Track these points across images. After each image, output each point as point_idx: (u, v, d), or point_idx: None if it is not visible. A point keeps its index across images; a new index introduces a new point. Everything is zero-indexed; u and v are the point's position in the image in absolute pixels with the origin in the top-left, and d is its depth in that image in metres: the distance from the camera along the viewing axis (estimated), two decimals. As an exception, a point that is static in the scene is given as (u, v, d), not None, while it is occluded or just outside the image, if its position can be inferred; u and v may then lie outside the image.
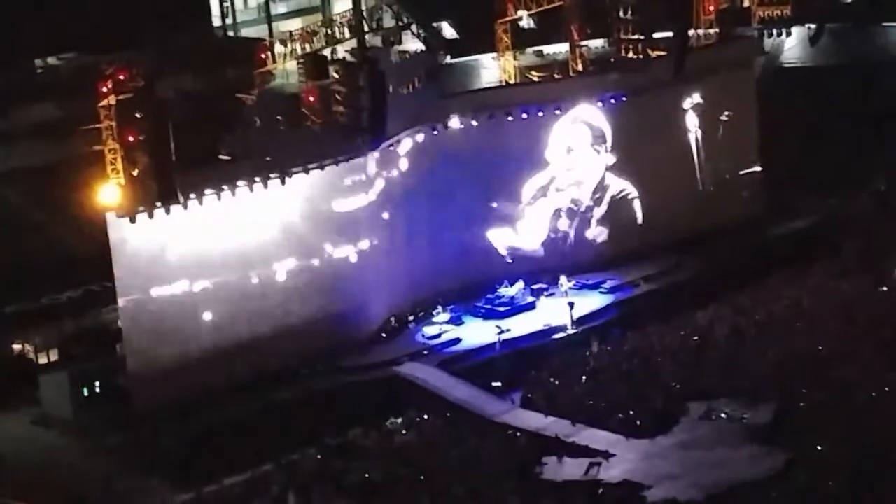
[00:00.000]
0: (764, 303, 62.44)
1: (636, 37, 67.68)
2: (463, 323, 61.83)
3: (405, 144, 61.87)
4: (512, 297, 63.19)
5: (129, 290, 53.42)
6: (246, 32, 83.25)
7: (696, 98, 69.57)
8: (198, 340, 54.57)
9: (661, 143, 68.63)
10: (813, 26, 77.96)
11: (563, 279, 63.44)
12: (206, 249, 54.93)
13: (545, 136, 65.45)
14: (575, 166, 66.79)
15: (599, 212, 67.60)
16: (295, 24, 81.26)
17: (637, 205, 68.44)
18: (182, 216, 53.95)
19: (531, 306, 63.12)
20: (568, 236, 67.09)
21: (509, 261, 65.43)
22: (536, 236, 66.40)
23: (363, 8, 78.57)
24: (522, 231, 65.95)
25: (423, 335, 60.70)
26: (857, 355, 55.40)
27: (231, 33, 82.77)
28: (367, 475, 49.74)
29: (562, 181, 66.58)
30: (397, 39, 77.03)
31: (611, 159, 67.38)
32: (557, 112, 65.54)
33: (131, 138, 53.27)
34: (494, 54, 70.21)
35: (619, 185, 67.88)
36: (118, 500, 49.29)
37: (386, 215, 60.81)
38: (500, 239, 65.50)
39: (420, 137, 62.53)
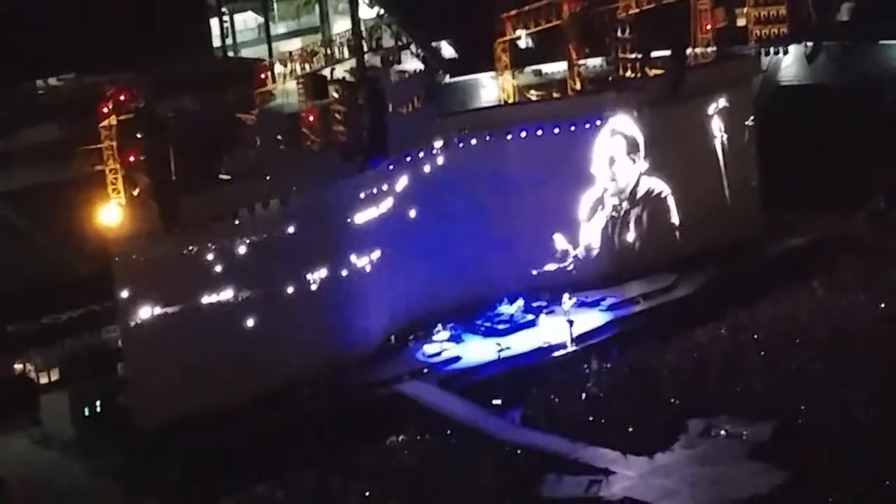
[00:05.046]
0: (762, 320, 62.47)
1: (634, 56, 68.00)
2: (463, 341, 61.92)
3: (404, 163, 62.03)
4: (511, 315, 63.34)
5: (129, 309, 53.62)
6: (246, 53, 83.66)
7: (694, 117, 69.75)
8: (198, 360, 54.55)
9: (654, 160, 68.75)
10: (810, 44, 78.29)
11: (565, 297, 63.55)
12: (205, 269, 55.14)
13: (544, 156, 65.57)
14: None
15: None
16: (294, 45, 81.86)
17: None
18: (181, 235, 54.19)
19: (531, 324, 63.26)
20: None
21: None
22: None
23: (362, 28, 79.12)
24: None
25: (423, 353, 60.74)
26: (855, 372, 55.49)
27: (231, 54, 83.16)
28: (366, 494, 49.75)
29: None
30: (396, 59, 77.49)
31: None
32: (557, 131, 65.75)
33: (132, 159, 53.62)
34: (493, 73, 70.41)
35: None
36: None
37: (386, 234, 60.96)
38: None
39: (420, 156, 62.75)
